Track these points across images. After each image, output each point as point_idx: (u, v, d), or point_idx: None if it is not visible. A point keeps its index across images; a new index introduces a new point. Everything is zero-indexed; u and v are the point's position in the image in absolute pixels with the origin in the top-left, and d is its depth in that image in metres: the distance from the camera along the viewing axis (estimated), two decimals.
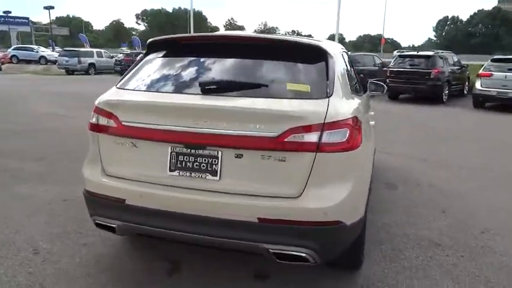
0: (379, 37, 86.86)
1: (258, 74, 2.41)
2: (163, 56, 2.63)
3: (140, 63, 2.68)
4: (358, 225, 2.34)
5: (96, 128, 2.44)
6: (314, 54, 2.44)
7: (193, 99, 2.26)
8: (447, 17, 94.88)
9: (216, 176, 2.17)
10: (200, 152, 2.19)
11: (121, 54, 28.92)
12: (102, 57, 27.12)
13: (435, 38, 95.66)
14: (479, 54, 53.95)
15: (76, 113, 9.42)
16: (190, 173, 2.21)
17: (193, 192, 2.19)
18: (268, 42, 2.53)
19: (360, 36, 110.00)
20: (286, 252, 2.11)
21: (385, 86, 4.18)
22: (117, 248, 3.08)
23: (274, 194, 2.12)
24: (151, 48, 2.73)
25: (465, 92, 15.00)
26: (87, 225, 3.40)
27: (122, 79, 2.63)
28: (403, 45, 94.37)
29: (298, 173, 2.10)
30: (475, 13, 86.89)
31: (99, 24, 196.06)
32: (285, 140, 2.06)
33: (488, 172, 5.48)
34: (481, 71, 11.96)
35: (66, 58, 25.56)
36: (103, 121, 2.40)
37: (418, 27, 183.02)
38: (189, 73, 2.50)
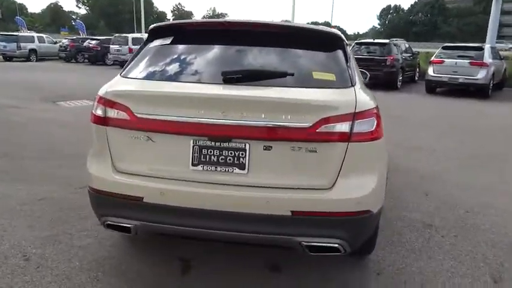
0: (326, 24, 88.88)
1: (279, 62, 2.32)
2: (172, 43, 2.46)
3: (144, 51, 2.49)
4: (380, 212, 2.36)
5: (103, 121, 2.23)
6: (333, 42, 2.39)
7: (216, 89, 2.13)
8: (390, 5, 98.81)
9: (244, 169, 2.08)
10: (226, 144, 2.08)
11: (65, 40, 27.13)
12: (44, 42, 25.33)
13: (379, 26, 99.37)
14: (420, 42, 56.93)
15: (28, 104, 8.73)
16: (216, 167, 2.10)
17: (219, 187, 2.08)
18: (285, 29, 2.44)
19: (308, 23, 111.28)
20: (319, 244, 2.08)
21: (368, 73, 4.22)
22: (118, 248, 2.89)
23: (305, 186, 2.07)
24: (155, 35, 2.54)
25: (416, 78, 15.75)
26: (76, 226, 3.18)
27: (126, 67, 2.43)
28: (348, 33, 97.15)
29: (330, 164, 2.06)
30: (415, 2, 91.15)
31: (35, 7, 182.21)
32: (317, 130, 2.01)
33: (458, 153, 5.80)
34: (433, 58, 12.59)
35: (4, 43, 23.53)
36: (112, 113, 2.20)
37: (363, 15, 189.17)
38: (204, 61, 2.36)
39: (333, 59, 2.33)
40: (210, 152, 2.10)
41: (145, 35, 21.16)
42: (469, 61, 11.70)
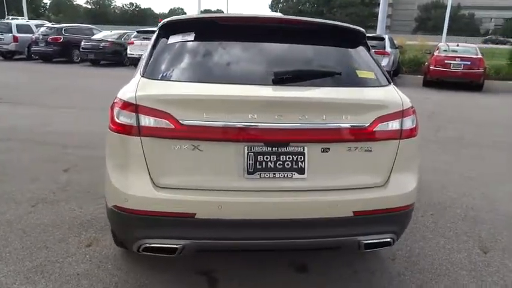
0: (220, 12, 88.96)
1: (321, 61, 2.26)
2: (198, 40, 2.21)
3: (163, 47, 2.21)
4: None
5: (135, 130, 1.93)
6: (360, 39, 2.41)
7: (269, 91, 1.99)
8: None
9: (304, 173, 2.00)
10: (283, 149, 1.97)
11: None
12: None
13: None
14: None
15: None
16: (274, 174, 1.98)
17: (279, 195, 1.98)
18: (316, 25, 2.36)
19: (202, 11, 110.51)
20: (376, 241, 2.12)
21: None
22: (126, 270, 2.56)
23: (363, 185, 2.08)
24: (171, 30, 2.27)
25: None
26: (57, 251, 2.75)
27: (147, 67, 2.12)
28: None
29: (384, 162, 2.10)
30: None
31: None
32: (374, 129, 2.03)
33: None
34: None
35: None
36: (147, 121, 1.92)
37: (256, 4, 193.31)
38: (242, 60, 2.19)
39: (364, 56, 2.35)
40: (267, 158, 1.97)
41: (32, 22, 18.41)
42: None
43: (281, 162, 1.98)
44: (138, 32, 17.28)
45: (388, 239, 2.15)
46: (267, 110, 1.93)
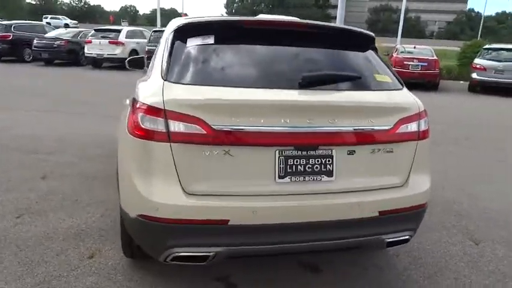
0: (173, 11, 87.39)
1: (341, 64, 2.30)
2: (219, 43, 2.16)
3: (181, 50, 2.14)
4: None
5: (164, 136, 1.87)
6: (370, 43, 2.47)
7: (299, 95, 2.00)
8: None
9: (332, 176, 2.03)
10: (312, 152, 1.99)
11: None
12: None
13: (226, 15, 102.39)
14: None
15: None
16: (304, 177, 1.99)
17: (309, 198, 2.00)
18: (334, 30, 2.40)
19: (154, 10, 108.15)
20: (397, 238, 2.19)
21: None
22: (141, 282, 2.46)
23: (386, 185, 2.14)
24: (189, 32, 2.21)
25: None
26: (59, 265, 2.61)
27: (170, 70, 2.05)
28: None
29: (404, 163, 2.17)
30: None
31: None
32: (396, 131, 2.10)
33: None
34: None
35: None
36: (178, 127, 1.86)
37: (212, 3, 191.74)
38: (266, 64, 2.18)
39: (377, 59, 2.42)
40: (297, 161, 1.98)
41: None
42: None
43: (310, 166, 2.00)
44: (95, 30, 16.62)
45: (407, 236, 2.23)
46: (299, 115, 1.95)
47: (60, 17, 34.75)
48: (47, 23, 23.80)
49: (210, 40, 2.16)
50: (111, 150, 3.91)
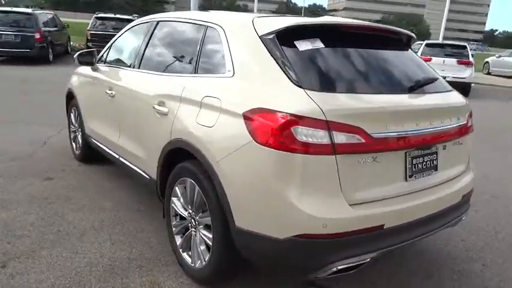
0: None
1: (414, 67, 2.56)
2: (330, 46, 2.19)
3: (295, 54, 2.09)
4: None
5: (328, 149, 1.82)
6: (411, 43, 2.74)
7: (420, 99, 2.28)
8: None
9: (437, 170, 2.32)
10: (428, 151, 2.26)
11: None
12: None
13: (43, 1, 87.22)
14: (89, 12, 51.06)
15: None
16: (422, 174, 2.23)
17: (429, 192, 2.24)
18: (400, 34, 2.61)
19: None
20: (465, 217, 2.58)
21: None
22: None
23: (460, 173, 2.54)
24: (297, 35, 2.16)
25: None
26: None
27: (301, 77, 1.98)
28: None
29: (466, 152, 2.62)
30: None
31: None
32: (467, 125, 2.53)
33: None
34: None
35: None
36: (341, 138, 1.84)
37: None
38: (378, 69, 2.35)
39: (418, 59, 2.70)
40: (418, 160, 2.21)
41: None
42: None
43: (425, 163, 2.26)
44: None
45: (464, 218, 2.61)
46: (426, 117, 2.19)
47: None
48: None
49: (319, 44, 2.13)
50: None
